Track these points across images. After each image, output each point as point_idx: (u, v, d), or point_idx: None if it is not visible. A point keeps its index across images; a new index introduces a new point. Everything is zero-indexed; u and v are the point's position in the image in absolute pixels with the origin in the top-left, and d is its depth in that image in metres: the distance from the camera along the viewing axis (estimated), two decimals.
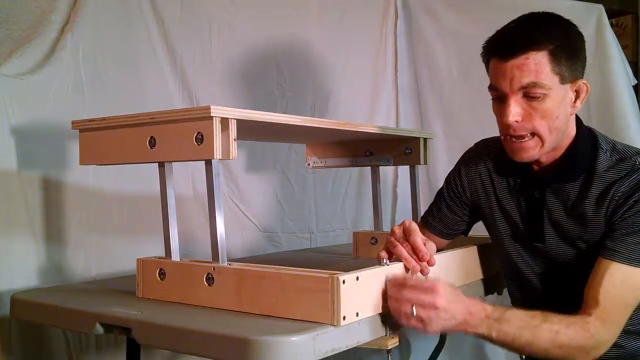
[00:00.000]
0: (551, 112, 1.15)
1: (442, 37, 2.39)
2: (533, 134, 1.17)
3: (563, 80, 1.15)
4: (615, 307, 1.13)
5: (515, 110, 1.14)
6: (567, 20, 1.19)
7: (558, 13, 1.20)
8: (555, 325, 1.09)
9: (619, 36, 2.20)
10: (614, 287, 1.13)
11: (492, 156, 1.37)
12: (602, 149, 1.22)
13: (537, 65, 1.12)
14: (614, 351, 1.16)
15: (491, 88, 1.19)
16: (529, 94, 1.14)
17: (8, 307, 1.31)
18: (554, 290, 1.30)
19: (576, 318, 1.12)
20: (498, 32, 1.20)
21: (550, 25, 1.16)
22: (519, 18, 1.19)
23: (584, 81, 1.19)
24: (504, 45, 1.15)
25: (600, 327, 1.11)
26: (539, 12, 1.18)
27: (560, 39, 1.14)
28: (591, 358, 1.12)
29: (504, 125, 1.18)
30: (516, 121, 1.15)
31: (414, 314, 1.03)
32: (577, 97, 1.19)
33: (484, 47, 1.23)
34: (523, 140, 1.17)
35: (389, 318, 1.08)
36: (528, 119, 1.15)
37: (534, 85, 1.13)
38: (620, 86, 2.01)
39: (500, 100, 1.18)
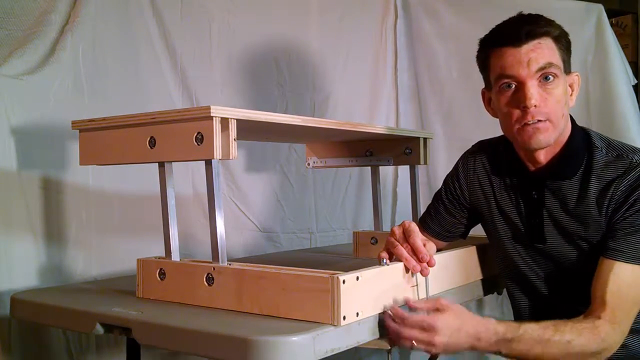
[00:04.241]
0: (561, 98, 1.18)
1: (442, 37, 2.39)
2: (545, 120, 1.17)
3: (565, 69, 1.20)
4: (622, 307, 1.13)
5: (535, 94, 1.15)
6: None
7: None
8: (567, 335, 1.09)
9: (619, 36, 2.20)
10: (620, 287, 1.13)
11: (490, 157, 1.37)
12: (597, 146, 1.23)
13: (549, 49, 1.17)
14: (619, 351, 1.15)
15: (502, 78, 1.19)
16: (546, 74, 1.16)
17: (8, 307, 1.31)
18: (556, 290, 1.30)
19: (587, 323, 1.12)
20: (498, 27, 1.22)
21: (546, 19, 1.21)
22: (511, 17, 1.22)
23: (577, 73, 1.24)
24: (516, 33, 1.17)
25: (610, 329, 1.11)
26: (529, 13, 1.22)
27: (558, 29, 1.20)
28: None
29: (519, 113, 1.18)
30: (535, 106, 1.16)
31: (414, 348, 1.06)
32: (572, 91, 1.24)
33: (483, 43, 1.24)
34: (538, 123, 1.17)
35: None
36: (544, 103, 1.17)
37: (550, 65, 1.16)
38: (620, 86, 2.01)
39: (513, 88, 1.18)
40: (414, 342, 1.05)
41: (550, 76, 1.16)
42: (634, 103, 2.02)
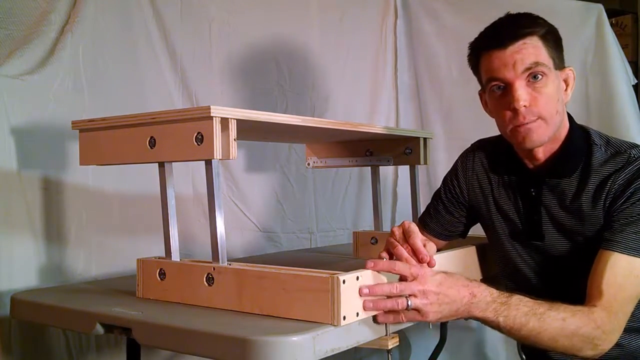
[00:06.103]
0: (553, 95, 1.18)
1: (442, 37, 2.39)
2: (537, 119, 1.18)
3: (555, 66, 1.19)
4: (618, 298, 1.12)
5: (524, 95, 1.16)
6: None
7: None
8: (561, 312, 1.08)
9: (618, 36, 2.20)
10: (616, 278, 1.13)
11: (488, 156, 1.38)
12: (596, 144, 1.23)
13: (535, 48, 1.17)
14: (614, 350, 1.15)
15: (491, 80, 1.20)
16: (534, 74, 1.16)
17: (8, 307, 1.31)
18: (553, 288, 1.29)
19: (582, 307, 1.11)
20: (485, 30, 1.23)
21: (533, 17, 1.21)
22: (499, 18, 1.23)
23: (570, 68, 1.24)
24: (500, 36, 1.18)
25: (605, 317, 1.10)
26: (517, 12, 1.23)
27: (546, 26, 1.20)
28: (597, 352, 1.11)
29: (511, 114, 1.19)
30: (524, 106, 1.16)
31: (409, 306, 1.02)
32: (566, 86, 1.23)
33: (472, 48, 1.25)
34: (530, 123, 1.18)
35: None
36: (534, 103, 1.17)
37: (537, 64, 1.16)
38: (620, 86, 2.01)
39: (503, 90, 1.19)
40: (399, 303, 1.01)
41: (538, 75, 1.16)
42: (634, 103, 2.03)
